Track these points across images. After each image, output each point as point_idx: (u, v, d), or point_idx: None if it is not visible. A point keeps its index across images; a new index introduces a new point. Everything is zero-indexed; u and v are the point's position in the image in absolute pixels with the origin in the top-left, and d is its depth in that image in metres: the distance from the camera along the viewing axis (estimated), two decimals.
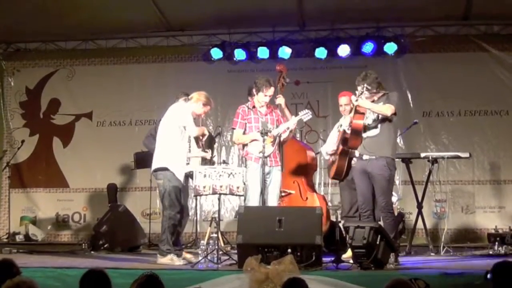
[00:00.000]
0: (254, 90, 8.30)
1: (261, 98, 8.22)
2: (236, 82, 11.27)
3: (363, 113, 7.70)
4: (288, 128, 8.22)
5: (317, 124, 11.27)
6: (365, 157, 7.64)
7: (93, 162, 11.83)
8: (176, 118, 7.95)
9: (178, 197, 7.85)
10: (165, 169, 7.80)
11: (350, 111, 7.94)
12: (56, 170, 11.99)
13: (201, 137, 8.26)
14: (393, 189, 7.78)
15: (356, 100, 7.58)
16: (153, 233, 10.44)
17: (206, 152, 8.36)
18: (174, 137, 7.89)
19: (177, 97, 8.72)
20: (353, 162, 8.05)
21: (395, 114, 7.59)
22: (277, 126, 8.25)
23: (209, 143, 8.96)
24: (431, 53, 11.27)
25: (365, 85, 7.60)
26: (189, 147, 8.16)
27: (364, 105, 7.63)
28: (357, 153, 7.88)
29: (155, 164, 7.93)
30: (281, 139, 8.26)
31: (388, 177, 7.57)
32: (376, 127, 7.65)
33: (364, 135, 7.71)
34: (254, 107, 8.32)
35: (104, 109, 11.94)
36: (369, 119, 7.73)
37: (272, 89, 8.22)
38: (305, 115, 8.27)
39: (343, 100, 8.47)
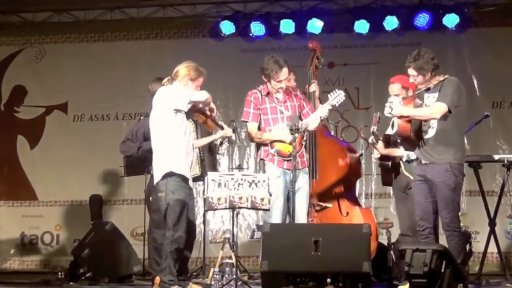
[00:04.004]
0: (263, 78, 8.24)
1: (275, 86, 8.18)
2: (252, 65, 11.09)
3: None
4: (319, 117, 8.18)
5: (356, 118, 11.28)
6: (424, 161, 7.63)
7: (69, 168, 11.88)
8: (167, 102, 7.72)
9: (185, 212, 7.77)
10: (169, 175, 7.71)
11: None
12: (21, 177, 12.08)
13: (209, 112, 7.96)
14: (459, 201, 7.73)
15: (390, 113, 7.60)
16: (148, 258, 10.39)
17: (222, 127, 8.32)
18: (172, 130, 7.70)
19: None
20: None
21: (449, 111, 7.50)
22: (299, 114, 8.22)
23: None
24: (502, 27, 11.31)
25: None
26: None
27: (402, 114, 7.62)
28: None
29: (156, 176, 7.79)
30: (309, 129, 8.23)
31: (454, 186, 7.51)
32: (431, 126, 7.61)
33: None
34: (269, 93, 8.28)
35: (83, 99, 12.02)
36: None
37: (285, 69, 8.11)
38: (337, 98, 8.14)
39: (392, 88, 8.43)
